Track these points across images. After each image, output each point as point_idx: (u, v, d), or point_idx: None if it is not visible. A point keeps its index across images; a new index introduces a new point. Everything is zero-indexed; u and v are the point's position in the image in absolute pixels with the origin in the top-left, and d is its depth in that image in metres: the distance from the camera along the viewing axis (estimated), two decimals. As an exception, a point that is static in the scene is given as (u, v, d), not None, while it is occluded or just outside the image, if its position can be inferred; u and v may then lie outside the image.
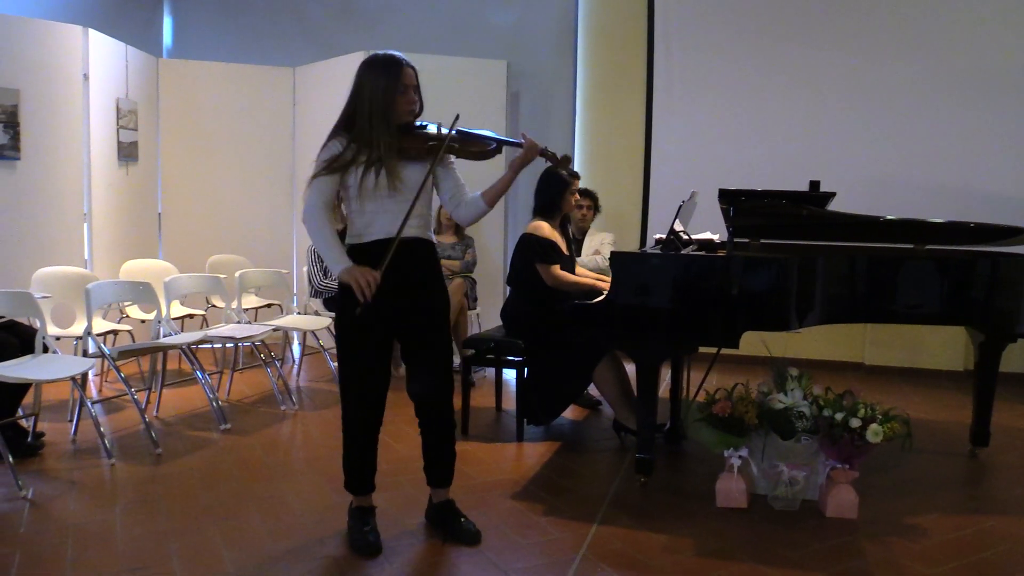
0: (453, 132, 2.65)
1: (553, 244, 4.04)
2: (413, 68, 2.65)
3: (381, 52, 2.65)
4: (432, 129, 2.67)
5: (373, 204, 2.61)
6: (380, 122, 2.57)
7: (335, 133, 2.64)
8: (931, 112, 5.55)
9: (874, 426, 3.01)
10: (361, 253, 2.63)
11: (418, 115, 2.69)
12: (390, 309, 2.66)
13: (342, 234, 2.69)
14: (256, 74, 6.32)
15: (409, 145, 2.62)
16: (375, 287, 2.48)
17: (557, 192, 4.12)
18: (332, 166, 2.58)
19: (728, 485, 3.16)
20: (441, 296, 2.79)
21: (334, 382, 4.76)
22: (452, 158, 2.76)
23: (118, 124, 5.53)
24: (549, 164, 2.86)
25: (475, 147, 2.70)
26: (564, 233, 4.23)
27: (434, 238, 2.79)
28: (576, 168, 6.30)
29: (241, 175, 6.24)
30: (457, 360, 5.44)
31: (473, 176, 2.89)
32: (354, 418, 2.75)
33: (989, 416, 3.79)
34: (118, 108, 5.52)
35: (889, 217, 3.73)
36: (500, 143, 2.73)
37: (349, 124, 2.62)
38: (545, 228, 4.07)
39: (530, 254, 4.05)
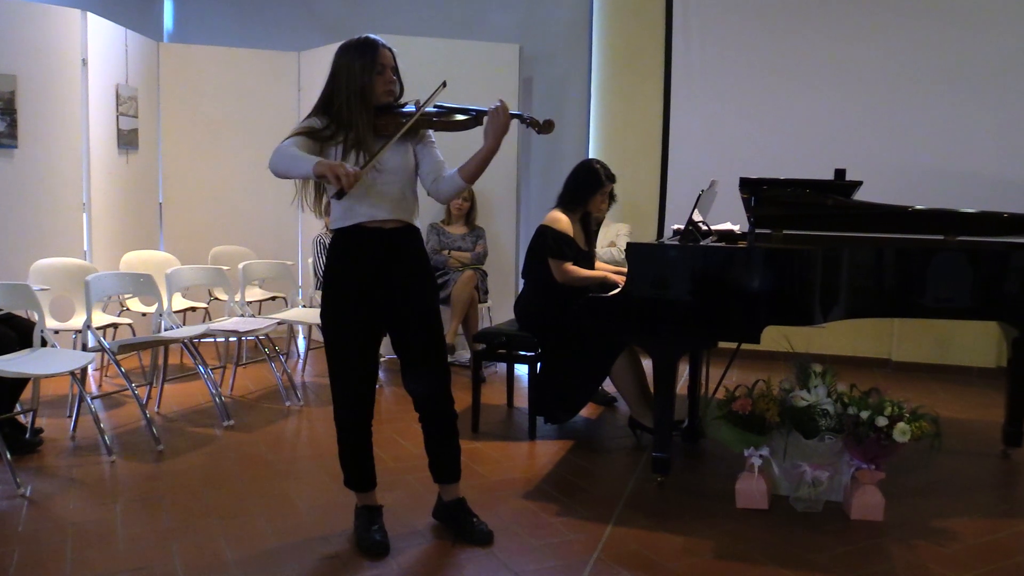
0: (430, 108, 2.65)
1: (567, 239, 4.03)
2: (390, 49, 2.69)
3: (356, 36, 2.69)
4: (411, 108, 2.68)
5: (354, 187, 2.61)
6: (357, 103, 2.60)
7: (311, 115, 2.68)
8: (962, 98, 5.49)
9: (901, 425, 2.99)
10: (346, 237, 2.67)
11: (398, 96, 2.72)
12: (375, 300, 2.68)
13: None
14: (260, 59, 6.33)
15: (384, 123, 2.64)
16: (355, 180, 2.42)
17: (587, 190, 4.09)
18: (311, 132, 2.61)
19: (748, 485, 3.15)
20: (429, 283, 2.81)
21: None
22: (431, 134, 2.76)
23: (118, 111, 5.55)
24: (533, 129, 2.77)
25: (454, 116, 2.68)
26: (585, 227, 4.23)
27: (419, 223, 2.78)
28: (591, 155, 6.29)
29: (244, 163, 6.25)
30: (467, 355, 5.46)
31: (460, 154, 2.83)
32: (343, 413, 2.77)
33: (1022, 415, 3.76)
34: (118, 94, 5.54)
35: (918, 207, 3.70)
36: (481, 113, 2.67)
37: (327, 109, 2.66)
38: (563, 221, 4.06)
39: (542, 247, 4.04)
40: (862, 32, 5.67)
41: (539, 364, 4.09)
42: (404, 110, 2.68)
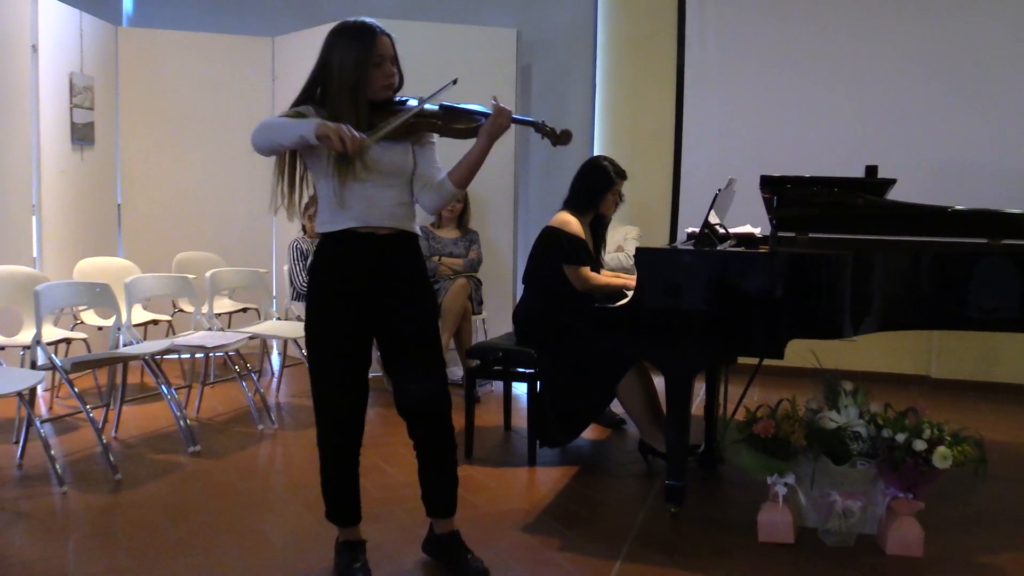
0: (435, 107, 2.65)
1: (582, 242, 4.06)
2: (389, 36, 2.67)
3: (352, 19, 2.67)
4: (412, 104, 2.67)
5: (345, 189, 2.61)
6: (350, 99, 2.58)
7: (297, 105, 2.66)
8: (1005, 91, 5.51)
9: (942, 449, 2.99)
10: (335, 244, 2.67)
11: (398, 89, 2.71)
12: (365, 312, 2.68)
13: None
14: (230, 44, 6.34)
15: (381, 122, 2.62)
16: (361, 145, 2.42)
17: (597, 190, 4.16)
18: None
19: (772, 517, 3.14)
20: (428, 295, 2.82)
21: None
22: (434, 137, 2.76)
23: (71, 102, 5.55)
24: (546, 139, 2.79)
25: (461, 123, 2.69)
26: (595, 233, 4.26)
27: (418, 230, 2.79)
28: (597, 151, 6.31)
29: (213, 160, 6.26)
30: (459, 372, 5.46)
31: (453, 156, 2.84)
32: (328, 438, 2.76)
33: (1076, 438, 3.76)
34: (71, 84, 5.55)
35: (959, 207, 3.70)
36: (485, 116, 2.68)
37: (319, 100, 2.64)
38: (574, 224, 4.08)
39: (555, 252, 4.06)
40: (895, 18, 5.68)
41: (539, 381, 4.09)
42: (407, 105, 2.67)
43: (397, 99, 2.70)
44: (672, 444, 3.31)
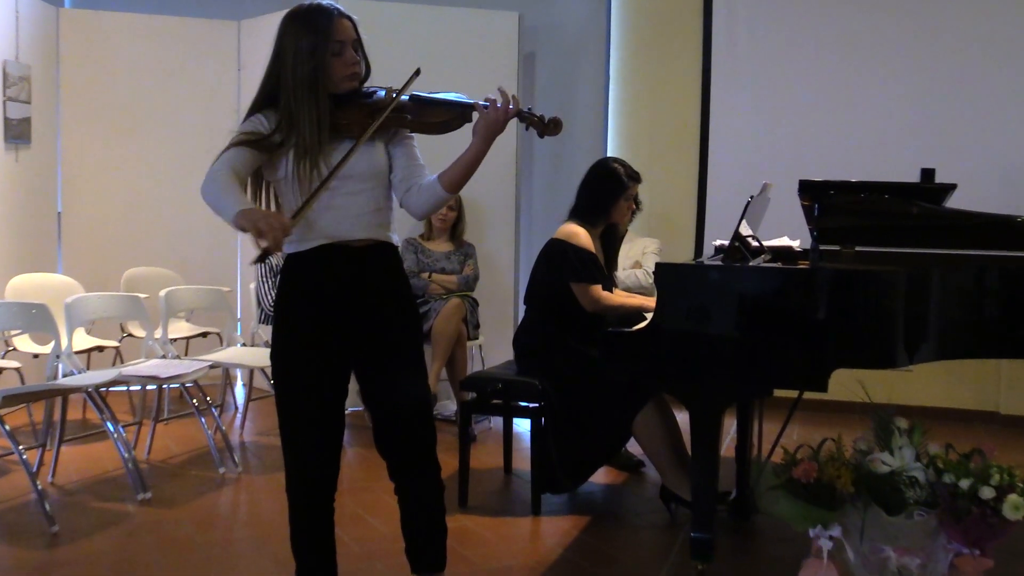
0: (404, 98, 2.64)
1: (593, 257, 4.07)
2: (351, 19, 2.67)
3: (308, 2, 2.67)
4: (381, 96, 2.67)
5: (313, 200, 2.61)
6: (306, 95, 2.58)
7: (254, 111, 2.67)
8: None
9: (1013, 497, 2.97)
10: (302, 262, 2.67)
11: (364, 79, 2.71)
12: (339, 337, 2.68)
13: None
14: (189, 29, 6.37)
15: (346, 120, 2.62)
16: (285, 234, 2.37)
17: (609, 195, 4.17)
18: (254, 142, 2.59)
19: (816, 574, 3.13)
20: (411, 315, 2.82)
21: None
22: (408, 131, 2.75)
23: (5, 95, 5.57)
24: (534, 130, 2.74)
25: (435, 116, 2.68)
26: (608, 246, 4.28)
27: (396, 239, 2.77)
28: (610, 153, 6.32)
29: (169, 162, 6.27)
30: (453, 407, 5.44)
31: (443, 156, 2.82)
32: (299, 483, 2.75)
33: None
34: (5, 74, 5.57)
35: (1028, 216, 3.71)
36: (468, 109, 2.65)
37: (271, 100, 2.65)
38: (582, 236, 4.09)
39: (561, 268, 4.06)
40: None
41: (543, 417, 4.08)
42: (374, 99, 2.67)
43: (364, 90, 2.70)
44: (698, 490, 3.30)
